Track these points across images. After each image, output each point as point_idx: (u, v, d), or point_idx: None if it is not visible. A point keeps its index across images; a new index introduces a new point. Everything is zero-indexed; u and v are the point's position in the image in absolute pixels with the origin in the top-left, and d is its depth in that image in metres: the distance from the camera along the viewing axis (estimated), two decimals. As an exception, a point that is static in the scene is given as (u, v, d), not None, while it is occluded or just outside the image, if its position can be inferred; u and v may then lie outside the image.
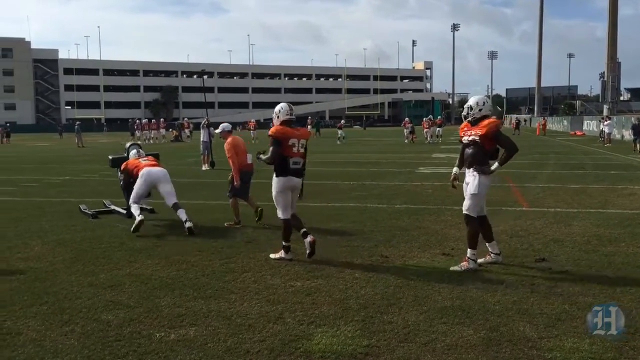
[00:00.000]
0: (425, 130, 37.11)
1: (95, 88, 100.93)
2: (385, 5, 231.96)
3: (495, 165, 5.94)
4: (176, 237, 7.60)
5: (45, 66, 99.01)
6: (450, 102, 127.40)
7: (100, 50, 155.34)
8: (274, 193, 6.60)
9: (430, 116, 39.46)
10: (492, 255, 6.26)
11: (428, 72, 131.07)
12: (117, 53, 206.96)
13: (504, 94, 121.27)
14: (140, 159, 8.87)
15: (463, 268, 5.96)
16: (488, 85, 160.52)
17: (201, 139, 19.03)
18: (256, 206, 8.81)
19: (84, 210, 9.59)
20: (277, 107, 6.76)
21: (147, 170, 8.45)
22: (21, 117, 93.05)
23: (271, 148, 6.40)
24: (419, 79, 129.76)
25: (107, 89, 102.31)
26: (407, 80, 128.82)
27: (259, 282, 5.58)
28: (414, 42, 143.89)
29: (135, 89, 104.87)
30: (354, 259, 6.43)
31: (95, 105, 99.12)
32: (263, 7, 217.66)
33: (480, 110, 6.14)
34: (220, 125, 9.82)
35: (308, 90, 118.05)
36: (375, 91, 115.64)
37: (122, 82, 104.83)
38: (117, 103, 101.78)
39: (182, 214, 8.05)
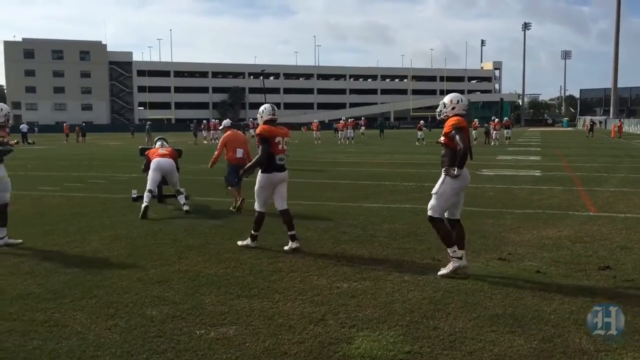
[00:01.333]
0: (493, 132, 36.07)
1: (166, 89, 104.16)
2: (454, 4, 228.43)
3: (455, 169, 5.68)
4: (229, 236, 7.62)
5: (120, 68, 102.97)
6: (520, 103, 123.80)
7: (172, 53, 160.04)
8: (256, 187, 6.92)
9: (495, 117, 38.25)
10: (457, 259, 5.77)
11: (497, 72, 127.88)
12: (188, 55, 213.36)
13: (577, 95, 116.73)
14: (158, 150, 10.06)
15: (450, 269, 5.68)
16: (561, 86, 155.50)
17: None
18: (240, 198, 9.63)
19: (133, 196, 10.81)
20: (261, 108, 7.10)
21: (157, 160, 9.70)
22: (97, 117, 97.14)
23: (260, 147, 6.74)
24: (487, 79, 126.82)
25: (178, 90, 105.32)
26: (475, 81, 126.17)
27: (305, 282, 5.50)
28: (482, 41, 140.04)
29: (204, 90, 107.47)
30: (405, 262, 6.26)
31: (166, 106, 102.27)
32: (330, 8, 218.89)
33: (453, 108, 5.93)
34: (223, 122, 11.70)
35: (373, 91, 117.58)
36: (442, 92, 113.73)
37: (191, 83, 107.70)
38: (186, 104, 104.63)
39: (181, 199, 9.58)
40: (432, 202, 5.91)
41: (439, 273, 5.71)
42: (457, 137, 5.67)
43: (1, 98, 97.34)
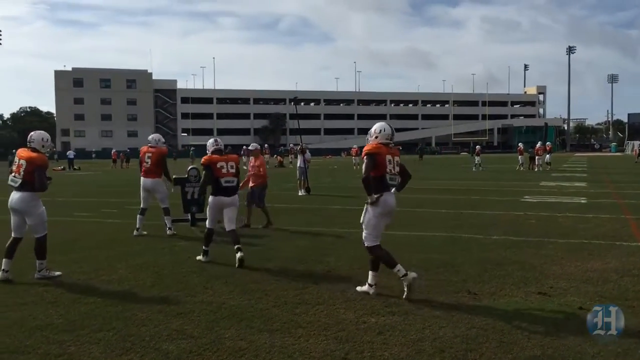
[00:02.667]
0: (537, 157, 35.10)
1: (209, 116, 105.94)
2: (496, 29, 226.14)
3: (373, 196, 5.86)
4: (257, 264, 7.44)
5: (165, 96, 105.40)
6: (566, 127, 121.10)
7: (215, 80, 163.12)
8: (208, 207, 7.88)
9: (540, 142, 37.25)
10: (368, 285, 6.04)
11: (541, 96, 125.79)
12: (230, 82, 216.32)
13: (625, 119, 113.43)
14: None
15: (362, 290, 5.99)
16: (608, 110, 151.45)
17: (297, 165, 19.16)
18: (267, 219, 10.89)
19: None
20: (208, 142, 8.07)
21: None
22: (142, 143, 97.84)
23: (204, 173, 7.83)
24: (531, 104, 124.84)
25: (220, 116, 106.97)
26: (518, 106, 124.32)
27: (331, 316, 5.24)
28: (526, 66, 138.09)
29: (246, 116, 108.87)
30: (438, 295, 5.94)
31: (208, 132, 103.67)
32: (370, 35, 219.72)
33: (376, 137, 6.09)
34: (252, 145, 12.32)
35: (414, 117, 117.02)
36: (484, 117, 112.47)
37: (233, 109, 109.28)
38: (228, 130, 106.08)
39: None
40: (363, 233, 6.10)
41: (358, 288, 6.06)
42: (364, 164, 5.97)
43: (51, 126, 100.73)
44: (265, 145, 52.92)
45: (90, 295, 5.99)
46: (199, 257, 7.79)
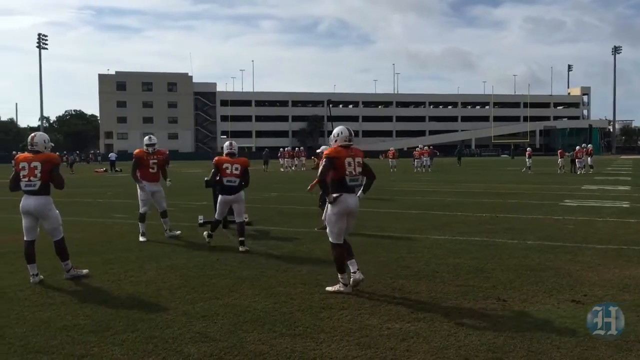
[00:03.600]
0: (577, 160, 34.25)
1: (247, 118, 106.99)
2: (539, 29, 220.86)
3: (331, 196, 6.20)
4: (285, 267, 7.41)
5: (205, 98, 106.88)
6: (611, 129, 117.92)
7: (254, 83, 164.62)
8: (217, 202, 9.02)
9: (584, 145, 36.31)
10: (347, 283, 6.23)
11: (585, 98, 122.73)
12: (269, 85, 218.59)
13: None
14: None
15: (335, 289, 6.18)
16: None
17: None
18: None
19: (200, 221, 11.13)
20: (225, 144, 9.19)
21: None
22: (182, 145, 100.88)
23: (212, 171, 9.01)
24: (575, 105, 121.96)
25: (259, 119, 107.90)
26: (561, 107, 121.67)
27: (354, 321, 5.17)
28: (569, 66, 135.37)
29: (284, 118, 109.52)
30: (466, 301, 5.80)
31: (247, 134, 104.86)
32: (410, 36, 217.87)
33: (335, 141, 6.39)
34: (322, 147, 11.17)
35: (453, 119, 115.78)
36: (525, 119, 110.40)
37: (272, 112, 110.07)
38: (266, 132, 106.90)
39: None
40: (327, 230, 6.46)
41: (327, 288, 6.25)
42: (322, 167, 6.32)
43: (95, 128, 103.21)
44: (301, 147, 53.04)
45: (118, 297, 6.07)
46: (205, 236, 9.24)
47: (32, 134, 7.01)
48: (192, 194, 19.88)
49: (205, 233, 9.34)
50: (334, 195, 6.20)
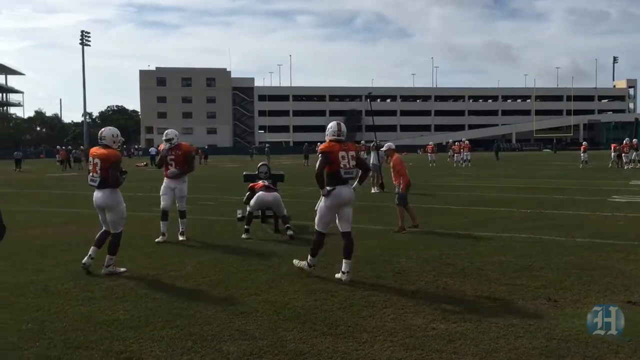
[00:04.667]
0: (624, 154, 33.14)
1: (285, 113, 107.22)
2: (582, 20, 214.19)
3: (325, 189, 6.45)
4: (325, 264, 7.26)
5: (243, 93, 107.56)
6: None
7: (291, 77, 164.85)
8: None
9: (627, 139, 34.98)
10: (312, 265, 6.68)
11: (631, 90, 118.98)
12: (306, 79, 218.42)
13: None
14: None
15: (300, 265, 6.74)
16: None
17: (371, 161, 18.83)
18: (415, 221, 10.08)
19: (238, 216, 10.85)
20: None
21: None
22: (221, 140, 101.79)
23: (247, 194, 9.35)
24: (620, 98, 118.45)
25: (296, 113, 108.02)
26: (606, 100, 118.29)
27: (398, 320, 4.98)
28: (614, 58, 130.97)
29: (321, 113, 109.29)
30: (514, 301, 5.55)
31: (284, 129, 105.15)
32: (448, 29, 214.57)
33: (327, 135, 6.65)
34: (387, 144, 11.28)
35: (493, 113, 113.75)
36: (569, 112, 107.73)
37: (309, 107, 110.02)
38: (304, 127, 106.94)
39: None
40: (316, 217, 6.74)
41: (294, 261, 6.89)
42: (318, 161, 6.52)
43: (136, 123, 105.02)
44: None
45: (157, 291, 6.01)
46: (243, 236, 9.20)
47: (102, 129, 7.26)
48: (232, 188, 19.91)
49: (243, 236, 9.29)
50: (328, 188, 6.44)
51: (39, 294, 5.94)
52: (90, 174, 7.01)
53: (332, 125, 6.70)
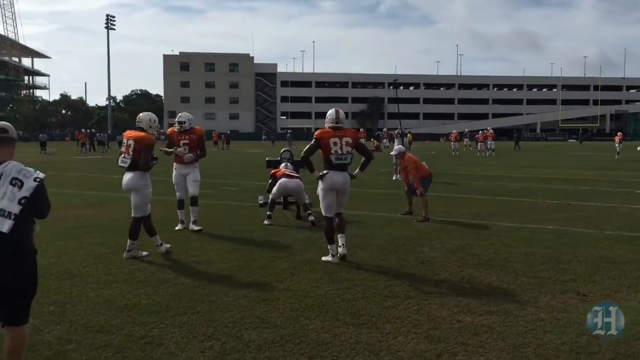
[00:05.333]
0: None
1: (307, 99, 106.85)
2: (613, 7, 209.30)
3: (316, 172, 6.74)
4: (348, 251, 7.14)
5: (265, 79, 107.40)
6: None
7: (314, 64, 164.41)
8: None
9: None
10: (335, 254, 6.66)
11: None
12: (329, 66, 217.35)
13: None
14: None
15: (326, 259, 6.63)
16: None
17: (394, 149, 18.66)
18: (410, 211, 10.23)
19: (260, 202, 10.99)
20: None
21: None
22: (243, 126, 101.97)
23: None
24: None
25: (318, 100, 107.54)
26: (634, 90, 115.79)
27: (422, 312, 4.88)
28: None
29: (344, 100, 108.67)
30: (542, 294, 5.40)
31: (306, 115, 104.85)
32: (474, 16, 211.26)
33: (326, 123, 6.98)
34: (396, 148, 11.23)
35: (518, 102, 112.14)
36: (595, 102, 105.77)
37: (331, 93, 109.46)
38: (326, 114, 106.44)
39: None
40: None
41: (322, 258, 6.66)
42: (308, 146, 6.84)
43: (159, 108, 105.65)
44: (361, 129, 52.62)
45: (179, 276, 5.98)
46: (265, 222, 9.14)
47: (141, 113, 7.43)
48: (254, 173, 19.90)
49: (265, 222, 9.25)
50: (321, 173, 6.69)
51: (60, 276, 5.95)
52: (122, 155, 7.03)
53: (330, 113, 6.93)
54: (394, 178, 17.81)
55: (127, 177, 6.97)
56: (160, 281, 5.80)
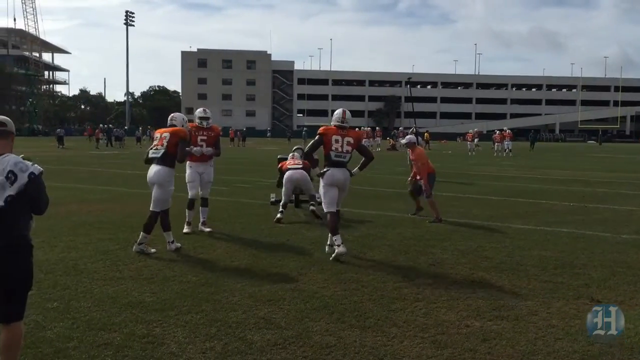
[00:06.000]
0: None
1: (324, 97, 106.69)
2: (635, 7, 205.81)
3: (317, 169, 7.15)
4: (357, 252, 7.08)
5: (282, 77, 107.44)
6: None
7: (331, 61, 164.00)
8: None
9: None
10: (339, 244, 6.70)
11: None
12: (346, 64, 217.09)
13: None
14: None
15: (333, 258, 6.60)
16: None
17: (410, 149, 18.55)
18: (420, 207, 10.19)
19: (272, 200, 11.00)
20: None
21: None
22: (260, 123, 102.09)
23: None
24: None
25: (335, 98, 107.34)
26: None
27: (430, 315, 4.77)
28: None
29: (361, 98, 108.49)
30: (555, 300, 5.26)
31: (323, 113, 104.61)
32: (492, 15, 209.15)
33: (332, 120, 7.19)
34: (408, 137, 10.82)
35: (537, 102, 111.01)
36: (616, 103, 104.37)
37: (348, 91, 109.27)
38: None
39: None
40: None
41: (331, 257, 6.67)
42: (312, 141, 7.11)
43: (177, 104, 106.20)
44: (377, 128, 52.43)
45: (185, 274, 5.93)
46: (277, 215, 9.24)
47: (174, 113, 7.70)
48: (267, 171, 19.84)
49: (278, 216, 9.30)
50: (322, 170, 6.94)
51: (68, 272, 5.93)
52: (154, 147, 7.10)
53: (337, 112, 7.13)
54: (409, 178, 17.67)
55: (154, 169, 7.00)
56: (167, 278, 5.75)
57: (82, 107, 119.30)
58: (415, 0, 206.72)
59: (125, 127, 65.01)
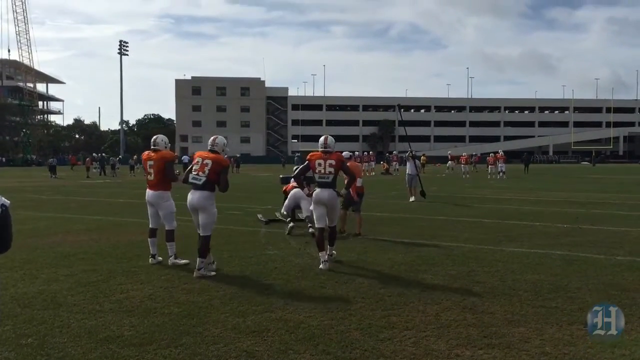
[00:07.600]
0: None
1: (318, 122, 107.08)
2: (625, 29, 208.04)
3: (306, 190, 8.77)
4: (346, 278, 6.91)
5: (277, 103, 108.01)
6: None
7: (325, 87, 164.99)
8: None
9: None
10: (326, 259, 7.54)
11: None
12: (340, 89, 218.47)
13: None
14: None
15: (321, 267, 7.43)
16: None
17: (407, 171, 18.52)
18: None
19: (260, 219, 11.86)
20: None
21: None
22: (254, 149, 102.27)
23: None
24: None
25: (329, 123, 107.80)
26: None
27: (419, 345, 4.60)
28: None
29: (355, 123, 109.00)
30: (548, 325, 5.10)
31: (317, 138, 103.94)
32: (484, 40, 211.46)
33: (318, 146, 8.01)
34: (344, 153, 10.81)
35: (530, 124, 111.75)
36: (608, 124, 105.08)
37: (342, 116, 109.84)
38: (337, 136, 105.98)
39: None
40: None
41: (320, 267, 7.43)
42: (300, 167, 8.24)
43: (171, 132, 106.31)
44: (370, 152, 52.54)
45: (167, 305, 5.74)
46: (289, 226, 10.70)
47: (213, 137, 7.71)
48: (260, 198, 19.71)
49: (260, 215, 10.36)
50: (311, 191, 8.02)
51: (46, 306, 5.74)
52: (196, 173, 7.23)
53: (321, 139, 8.01)
54: (410, 199, 17.61)
55: (196, 195, 7.19)
56: (148, 310, 5.56)
57: (77, 136, 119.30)
58: (406, 26, 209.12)
59: (120, 156, 64.91)
